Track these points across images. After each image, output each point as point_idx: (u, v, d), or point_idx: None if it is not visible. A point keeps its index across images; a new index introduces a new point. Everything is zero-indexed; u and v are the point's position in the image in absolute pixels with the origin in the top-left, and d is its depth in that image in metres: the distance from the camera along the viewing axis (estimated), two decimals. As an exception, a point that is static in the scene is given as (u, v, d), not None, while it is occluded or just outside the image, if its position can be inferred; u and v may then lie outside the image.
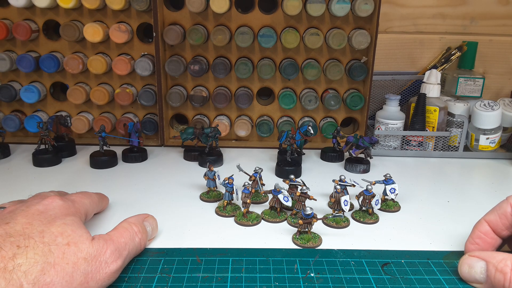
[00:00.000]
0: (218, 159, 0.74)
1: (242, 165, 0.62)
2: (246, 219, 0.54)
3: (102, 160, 0.72)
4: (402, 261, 0.46)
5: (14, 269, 0.34)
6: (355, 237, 0.52)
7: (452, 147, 0.84)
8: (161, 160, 0.77)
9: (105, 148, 0.74)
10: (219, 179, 0.60)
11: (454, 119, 0.82)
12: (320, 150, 0.81)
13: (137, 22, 0.80)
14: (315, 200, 0.53)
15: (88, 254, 0.39)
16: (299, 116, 0.87)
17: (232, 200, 0.57)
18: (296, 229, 0.51)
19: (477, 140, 0.82)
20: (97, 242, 0.41)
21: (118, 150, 0.77)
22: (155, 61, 0.79)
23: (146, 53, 0.82)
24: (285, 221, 0.55)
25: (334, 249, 0.48)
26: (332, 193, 0.55)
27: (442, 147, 0.82)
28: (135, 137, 0.75)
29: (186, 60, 0.82)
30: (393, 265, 0.46)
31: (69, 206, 0.45)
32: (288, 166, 0.70)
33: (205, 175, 0.61)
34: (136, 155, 0.75)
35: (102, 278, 0.39)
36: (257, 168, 0.60)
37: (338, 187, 0.54)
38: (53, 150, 0.74)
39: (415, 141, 0.82)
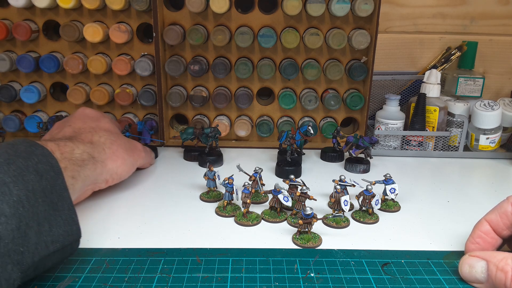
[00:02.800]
0: (218, 159, 0.74)
1: (242, 165, 0.62)
2: (246, 219, 0.54)
3: None
4: (402, 261, 0.46)
5: (97, 141, 0.56)
6: (355, 237, 0.52)
7: (452, 147, 0.84)
8: (161, 160, 0.77)
9: None
10: (219, 179, 0.60)
11: (454, 119, 0.82)
12: (320, 150, 0.81)
13: (137, 22, 0.80)
14: (315, 200, 0.53)
15: (129, 141, 0.65)
16: (299, 116, 0.87)
17: (232, 200, 0.57)
18: (296, 229, 0.51)
19: (477, 140, 0.82)
20: (131, 139, 0.68)
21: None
22: (155, 61, 0.79)
23: (146, 53, 0.82)
24: (285, 221, 0.55)
25: (334, 249, 0.48)
26: (332, 193, 0.55)
27: (442, 147, 0.82)
28: (148, 135, 0.76)
29: (186, 60, 0.82)
30: (393, 265, 0.46)
31: (99, 111, 0.66)
32: (288, 166, 0.70)
33: (205, 175, 0.61)
34: None
35: (138, 156, 0.66)
36: (257, 168, 0.60)
37: (338, 187, 0.54)
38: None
39: (415, 141, 0.82)
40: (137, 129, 0.76)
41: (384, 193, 0.59)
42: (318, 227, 0.53)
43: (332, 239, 0.51)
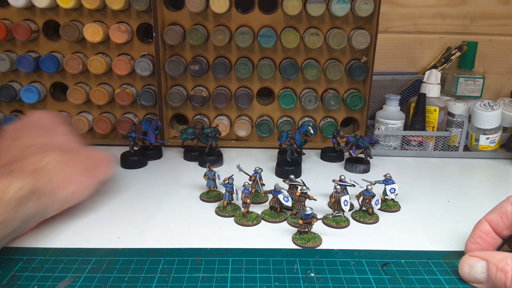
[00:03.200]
0: (218, 159, 0.74)
1: (242, 165, 0.62)
2: (246, 219, 0.54)
3: (133, 160, 0.73)
4: (402, 261, 0.46)
5: (44, 167, 0.47)
6: (355, 237, 0.52)
7: (452, 147, 0.84)
8: (161, 160, 0.77)
9: (135, 148, 0.75)
10: (219, 179, 0.60)
11: (454, 119, 0.82)
12: (320, 150, 0.81)
13: (137, 22, 0.80)
14: (315, 200, 0.53)
15: (88, 156, 0.55)
16: (299, 116, 0.87)
17: (232, 200, 0.57)
18: (296, 229, 0.51)
19: (477, 140, 0.82)
20: (91, 149, 0.56)
21: (118, 151, 0.77)
22: (155, 61, 0.79)
23: (146, 53, 0.82)
24: (285, 221, 0.55)
25: (334, 249, 0.48)
26: (332, 193, 0.55)
27: (442, 147, 0.82)
28: (153, 135, 0.76)
29: (186, 60, 0.82)
30: (393, 265, 0.46)
31: (53, 116, 0.57)
32: (288, 166, 0.70)
33: (205, 175, 0.61)
34: (152, 152, 0.77)
35: (101, 173, 0.56)
36: (257, 168, 0.60)
37: (338, 187, 0.54)
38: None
39: (415, 141, 0.82)
40: (142, 129, 0.76)
41: (384, 193, 0.59)
42: (318, 227, 0.53)
43: (332, 239, 0.51)
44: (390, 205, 0.59)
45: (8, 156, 0.49)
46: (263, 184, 0.60)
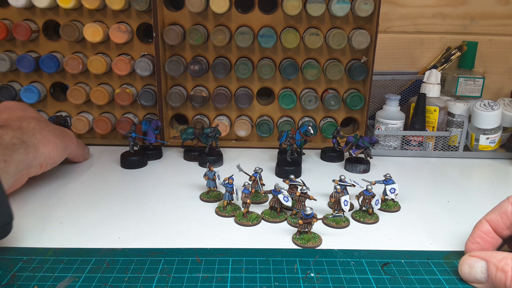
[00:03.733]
0: (218, 159, 0.74)
1: (242, 165, 0.62)
2: (246, 219, 0.54)
3: (133, 160, 0.73)
4: (402, 261, 0.46)
5: (27, 126, 0.58)
6: (355, 237, 0.52)
7: (452, 147, 0.84)
8: (161, 160, 0.77)
9: (135, 148, 0.75)
10: (219, 179, 0.60)
11: (454, 119, 0.82)
12: (320, 150, 0.81)
13: (137, 22, 0.80)
14: (315, 200, 0.53)
15: (59, 127, 0.66)
16: (299, 116, 0.87)
17: (232, 200, 0.57)
18: (296, 229, 0.51)
19: (477, 140, 0.82)
20: None
21: (118, 151, 0.77)
22: (155, 61, 0.79)
23: (146, 53, 0.82)
24: (285, 221, 0.55)
25: (334, 249, 0.48)
26: (332, 193, 0.55)
27: (442, 147, 0.82)
28: (153, 135, 0.76)
29: (186, 60, 0.82)
30: (393, 265, 0.46)
31: (22, 103, 0.66)
32: (288, 166, 0.70)
33: (205, 175, 0.61)
34: (152, 152, 0.77)
35: (70, 142, 0.67)
36: (257, 168, 0.60)
37: (338, 187, 0.54)
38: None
39: (415, 141, 0.82)
40: (142, 129, 0.76)
41: (384, 193, 0.59)
42: (318, 227, 0.53)
43: (332, 239, 0.51)
44: (390, 205, 0.59)
45: None
46: (263, 184, 0.60)
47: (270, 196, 0.56)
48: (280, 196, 0.54)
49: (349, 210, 0.57)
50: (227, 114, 0.87)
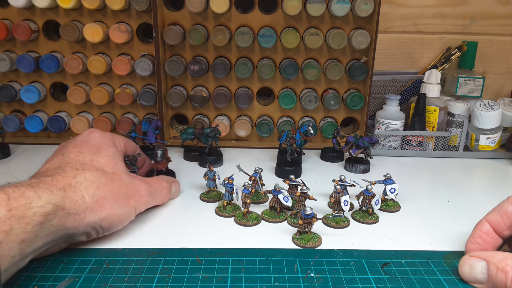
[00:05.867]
0: (218, 159, 0.74)
1: (242, 165, 0.62)
2: (246, 219, 0.54)
3: None
4: (402, 261, 0.46)
5: (77, 184, 0.44)
6: (355, 237, 0.52)
7: (452, 147, 0.84)
8: (161, 160, 0.77)
9: None
10: (219, 179, 0.60)
11: (454, 119, 0.82)
12: (320, 150, 0.81)
13: (137, 22, 0.80)
14: (315, 200, 0.53)
15: (128, 183, 0.50)
16: (299, 116, 0.87)
17: (232, 200, 0.57)
18: (296, 229, 0.51)
19: (477, 140, 0.82)
20: (135, 178, 0.52)
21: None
22: (155, 61, 0.79)
23: (146, 53, 0.82)
24: (285, 221, 0.55)
25: (334, 249, 0.48)
26: (332, 193, 0.55)
27: (442, 147, 0.82)
28: (153, 135, 0.76)
29: (186, 60, 0.82)
30: (393, 265, 0.46)
31: (108, 138, 0.54)
32: (288, 166, 0.70)
33: (205, 175, 0.61)
34: (152, 152, 0.76)
35: (137, 203, 0.51)
36: (257, 168, 0.60)
37: (338, 187, 0.54)
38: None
39: (415, 141, 0.82)
40: (142, 129, 0.76)
41: (384, 193, 0.59)
42: (318, 227, 0.53)
43: (332, 239, 0.51)
44: (390, 205, 0.59)
45: (44, 168, 0.47)
46: (263, 184, 0.60)
47: (270, 196, 0.56)
48: (280, 196, 0.54)
49: (349, 210, 0.57)
50: (227, 114, 0.87)
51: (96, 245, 0.48)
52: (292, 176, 0.57)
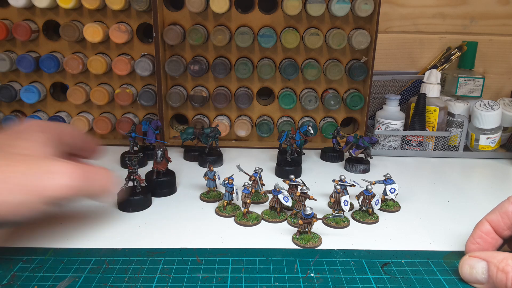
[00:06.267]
0: (218, 159, 0.74)
1: (242, 165, 0.62)
2: (246, 219, 0.54)
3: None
4: (402, 261, 0.46)
5: None
6: (355, 237, 0.52)
7: (452, 147, 0.84)
8: (161, 160, 0.77)
9: (135, 148, 0.74)
10: (219, 179, 0.60)
11: (454, 119, 0.82)
12: (320, 150, 0.81)
13: (137, 22, 0.80)
14: (315, 200, 0.53)
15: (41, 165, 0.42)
16: (299, 116, 0.87)
17: (232, 200, 0.57)
18: (296, 229, 0.51)
19: (477, 140, 0.82)
20: (58, 161, 0.44)
21: (118, 151, 0.77)
22: (155, 61, 0.79)
23: (146, 53, 0.82)
24: (285, 221, 0.55)
25: (334, 249, 0.48)
26: (332, 193, 0.55)
27: (442, 147, 0.82)
28: (153, 135, 0.76)
29: (186, 60, 0.82)
30: (393, 265, 0.46)
31: (36, 125, 0.49)
32: (288, 166, 0.70)
33: (205, 175, 0.61)
34: (152, 152, 0.76)
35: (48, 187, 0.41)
36: (257, 168, 0.60)
37: (338, 187, 0.54)
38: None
39: (415, 141, 0.82)
40: (142, 129, 0.76)
41: (384, 193, 0.59)
42: (318, 227, 0.53)
43: (332, 239, 0.51)
44: (390, 205, 0.59)
45: None
46: (263, 184, 0.60)
47: (270, 196, 0.56)
48: (280, 196, 0.54)
49: (349, 210, 0.57)
50: (227, 114, 0.87)
51: (96, 245, 0.48)
52: (292, 176, 0.57)
